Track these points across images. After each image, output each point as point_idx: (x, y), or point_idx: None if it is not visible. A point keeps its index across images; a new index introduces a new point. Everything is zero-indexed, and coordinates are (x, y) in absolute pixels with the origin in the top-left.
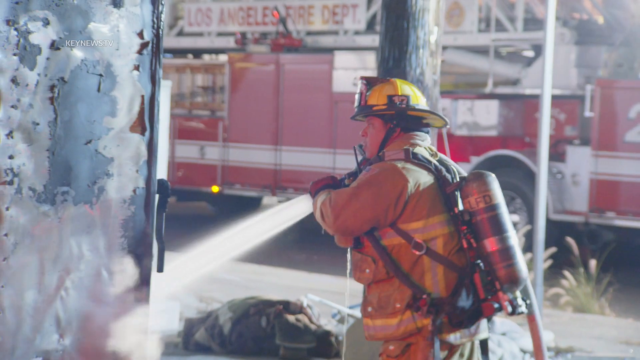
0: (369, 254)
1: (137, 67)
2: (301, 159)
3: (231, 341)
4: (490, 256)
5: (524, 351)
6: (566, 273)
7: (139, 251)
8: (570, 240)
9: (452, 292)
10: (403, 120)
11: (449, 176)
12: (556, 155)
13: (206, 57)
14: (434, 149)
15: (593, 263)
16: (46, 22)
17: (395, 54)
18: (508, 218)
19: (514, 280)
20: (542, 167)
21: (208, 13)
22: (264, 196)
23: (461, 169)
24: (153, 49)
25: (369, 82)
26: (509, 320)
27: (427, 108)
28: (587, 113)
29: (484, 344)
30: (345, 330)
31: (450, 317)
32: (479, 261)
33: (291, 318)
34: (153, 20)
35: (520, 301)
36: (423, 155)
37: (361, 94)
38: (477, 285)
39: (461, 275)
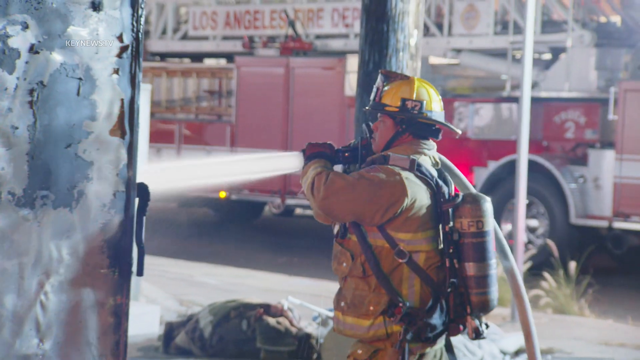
0: (349, 248)
1: (116, 71)
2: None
3: (212, 345)
4: (467, 280)
5: (504, 352)
6: (546, 275)
7: (119, 255)
8: (550, 242)
9: (428, 307)
10: (412, 126)
11: (446, 190)
12: (576, 159)
13: (211, 61)
14: (437, 157)
15: (572, 265)
16: (25, 26)
17: (375, 58)
18: (492, 246)
19: (484, 307)
20: (522, 170)
21: (213, 17)
22: (272, 201)
23: (457, 185)
24: (133, 53)
25: (387, 78)
26: (490, 322)
27: (438, 119)
28: (611, 116)
29: (447, 342)
30: (326, 333)
31: (420, 331)
32: (454, 281)
33: (272, 321)
34: (132, 24)
35: (483, 327)
36: (426, 168)
37: (377, 89)
38: (449, 305)
39: (435, 291)
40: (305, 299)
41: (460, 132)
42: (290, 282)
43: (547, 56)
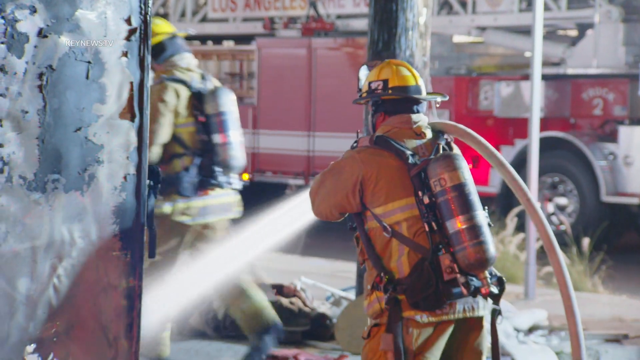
0: (357, 236)
1: (125, 54)
2: (336, 144)
3: (225, 326)
4: (455, 236)
5: (517, 330)
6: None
7: (131, 237)
8: (562, 218)
9: (409, 272)
10: (381, 106)
11: (417, 158)
12: (605, 136)
13: (231, 44)
14: (424, 128)
15: (586, 242)
16: (33, 10)
17: (385, 37)
18: (476, 198)
19: (480, 258)
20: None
21: None
22: (295, 184)
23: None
24: (141, 35)
25: (368, 68)
26: (503, 300)
27: (407, 93)
28: None
29: (491, 324)
30: (339, 313)
31: (408, 297)
32: (444, 244)
33: (285, 301)
34: (140, 7)
35: (486, 283)
36: (392, 140)
37: (358, 80)
38: (441, 269)
39: (424, 257)
40: (318, 280)
41: (440, 99)
42: (303, 263)
43: (574, 32)
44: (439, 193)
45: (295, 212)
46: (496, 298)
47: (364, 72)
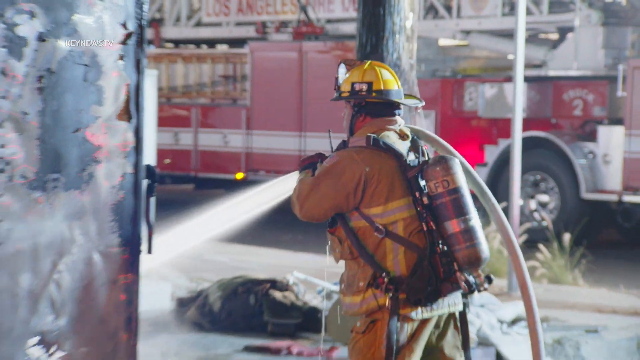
0: (337, 234)
1: (121, 57)
2: (326, 144)
3: (221, 319)
4: (452, 237)
5: (501, 321)
6: (541, 247)
7: (129, 234)
8: (544, 214)
9: (410, 271)
10: (364, 108)
11: (412, 160)
12: (585, 135)
13: (225, 47)
14: (407, 130)
15: (567, 237)
16: (32, 15)
17: (373, 40)
18: (470, 201)
19: (475, 259)
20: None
21: (226, 3)
22: None
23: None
24: (137, 39)
25: (346, 66)
26: (487, 293)
27: (390, 97)
28: (619, 93)
29: (462, 316)
30: (330, 306)
31: (408, 295)
32: (439, 242)
33: (278, 295)
34: (136, 11)
35: (480, 280)
36: (386, 141)
37: (336, 78)
38: (437, 266)
39: (421, 255)
40: (310, 274)
41: (421, 103)
42: (295, 258)
43: (555, 36)
44: (437, 196)
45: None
46: (472, 292)
47: (342, 70)
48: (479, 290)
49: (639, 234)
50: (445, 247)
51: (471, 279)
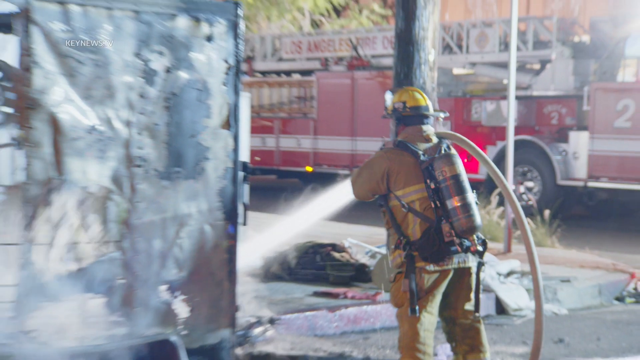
0: (383, 210)
1: (224, 83)
2: (371, 145)
3: (296, 272)
4: (453, 211)
5: (499, 274)
6: (528, 220)
7: (230, 211)
8: (530, 196)
9: (420, 236)
10: (402, 120)
11: (425, 156)
12: (560, 138)
13: (298, 76)
14: (432, 135)
15: (547, 212)
16: (161, 54)
17: (405, 70)
18: (467, 184)
19: (470, 226)
20: (510, 147)
21: (299, 44)
22: (343, 173)
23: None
24: (235, 71)
25: (391, 93)
26: (489, 254)
27: (420, 111)
28: (585, 107)
29: (477, 271)
30: (374, 263)
31: (419, 253)
32: (442, 218)
33: (337, 255)
34: (235, 51)
35: (474, 243)
36: (408, 144)
37: (384, 101)
38: (443, 234)
39: (431, 225)
40: (361, 240)
41: (443, 115)
42: (350, 229)
43: (537, 66)
44: (441, 181)
45: (340, 195)
46: (481, 254)
47: (389, 96)
48: (472, 252)
49: (599, 210)
50: (448, 219)
51: (467, 242)
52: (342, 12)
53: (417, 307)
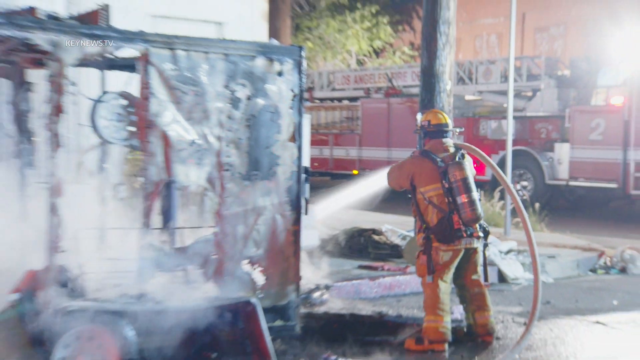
0: (412, 202)
1: (291, 107)
2: (402, 154)
3: (345, 250)
4: (461, 205)
5: (500, 251)
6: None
7: (295, 204)
8: (524, 193)
9: (436, 223)
10: (427, 134)
11: (443, 163)
12: (548, 148)
13: (347, 102)
14: (450, 146)
15: (537, 205)
16: (244, 85)
17: (428, 97)
18: (473, 185)
19: (474, 218)
20: (509, 155)
21: (348, 77)
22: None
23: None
24: (299, 98)
25: (421, 114)
26: (492, 236)
27: (441, 128)
28: (567, 125)
29: (484, 247)
30: (405, 244)
31: (435, 236)
32: (453, 210)
33: (376, 237)
34: (299, 83)
35: (477, 231)
36: (431, 152)
37: (416, 120)
38: (453, 222)
39: (444, 215)
40: (395, 226)
41: (458, 130)
42: (386, 217)
43: (530, 93)
44: (453, 182)
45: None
46: (485, 238)
47: (419, 116)
48: (475, 237)
49: (578, 203)
50: (458, 212)
51: (470, 229)
52: (380, 53)
53: (432, 276)
